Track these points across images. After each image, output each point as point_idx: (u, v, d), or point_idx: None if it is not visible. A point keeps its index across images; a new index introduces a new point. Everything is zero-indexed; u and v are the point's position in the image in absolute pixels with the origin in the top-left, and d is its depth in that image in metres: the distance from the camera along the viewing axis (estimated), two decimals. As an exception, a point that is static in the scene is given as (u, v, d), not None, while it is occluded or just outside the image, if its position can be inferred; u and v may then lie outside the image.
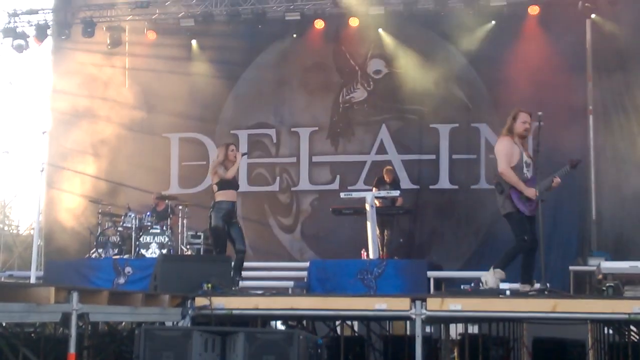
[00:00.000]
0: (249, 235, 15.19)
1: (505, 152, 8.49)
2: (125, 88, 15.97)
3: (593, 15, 13.81)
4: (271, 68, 15.66)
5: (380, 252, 12.77)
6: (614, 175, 13.71)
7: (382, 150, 14.92)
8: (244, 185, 15.28)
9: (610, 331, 9.11)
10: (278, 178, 15.46)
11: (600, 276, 8.65)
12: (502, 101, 13.65)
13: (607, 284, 8.42)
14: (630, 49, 13.73)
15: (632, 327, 8.55)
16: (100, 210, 13.82)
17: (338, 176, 15.07)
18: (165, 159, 15.78)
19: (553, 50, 13.98)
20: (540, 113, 8.35)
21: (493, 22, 14.27)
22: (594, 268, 9.92)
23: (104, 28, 15.68)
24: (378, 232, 12.76)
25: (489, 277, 8.31)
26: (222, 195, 10.25)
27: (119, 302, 7.02)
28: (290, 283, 12.02)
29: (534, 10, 13.92)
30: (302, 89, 15.52)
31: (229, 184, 10.30)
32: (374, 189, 13.07)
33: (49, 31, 15.88)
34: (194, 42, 15.77)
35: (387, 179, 13.40)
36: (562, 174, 8.44)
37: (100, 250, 13.15)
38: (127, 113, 15.82)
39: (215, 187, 10.29)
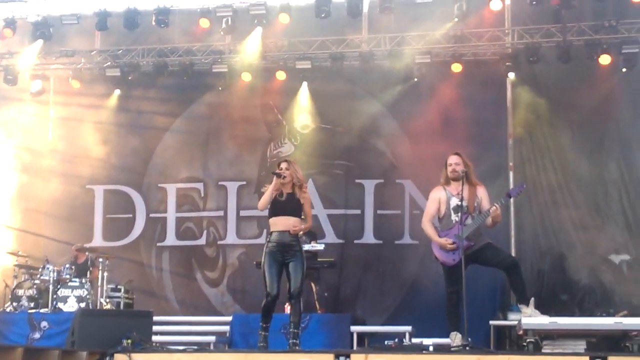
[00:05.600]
0: (177, 290, 15.09)
1: (428, 206, 8.81)
2: (49, 137, 15.73)
3: (512, 75, 14.20)
4: (200, 120, 15.60)
5: (317, 307, 12.76)
6: (532, 232, 14.02)
7: (308, 204, 14.92)
8: (172, 239, 15.20)
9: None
10: (205, 231, 15.32)
11: (521, 332, 8.74)
12: (426, 157, 13.81)
13: (528, 340, 8.50)
14: (550, 108, 14.17)
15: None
16: (16, 263, 13.44)
17: (265, 230, 14.99)
18: (89, 211, 15.47)
19: (475, 107, 14.29)
20: (464, 170, 8.50)
21: (415, 79, 14.53)
22: (515, 323, 10.04)
23: (28, 76, 15.44)
24: (313, 287, 12.78)
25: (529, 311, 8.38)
26: (270, 225, 8.87)
27: (34, 359, 6.78)
28: (212, 338, 11.82)
29: (457, 67, 14.23)
30: (231, 142, 15.48)
31: (273, 211, 8.81)
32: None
33: (-32, 78, 15.57)
34: (117, 92, 15.59)
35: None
36: (499, 205, 8.51)
37: (15, 304, 12.72)
38: (49, 163, 15.56)
39: None
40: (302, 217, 8.93)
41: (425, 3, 13.96)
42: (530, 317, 8.45)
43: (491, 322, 12.27)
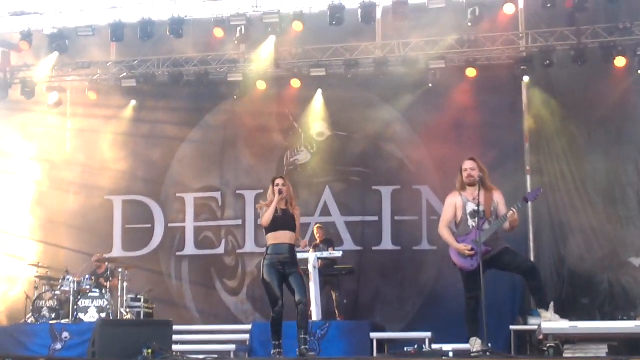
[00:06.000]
0: (196, 299, 15.14)
1: (444, 212, 8.79)
2: (67, 149, 15.85)
3: (526, 78, 14.18)
4: (216, 130, 15.67)
5: (337, 314, 12.87)
6: (551, 236, 13.98)
7: (326, 212, 14.96)
8: (191, 249, 15.26)
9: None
10: (224, 240, 15.37)
11: (541, 336, 8.71)
12: (442, 163, 13.85)
13: (548, 345, 8.47)
14: (565, 111, 14.13)
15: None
16: (37, 274, 13.54)
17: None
18: (109, 222, 15.55)
19: (490, 111, 14.30)
20: (480, 175, 8.50)
21: (430, 84, 14.52)
22: (535, 327, 10.01)
23: (44, 88, 15.55)
24: (333, 294, 12.92)
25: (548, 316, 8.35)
26: (269, 239, 9.18)
27: (55, 370, 6.84)
28: (233, 347, 11.85)
29: (471, 72, 14.21)
30: (247, 151, 15.54)
31: (272, 226, 9.13)
32: (310, 250, 13.06)
33: (-13, 91, 15.71)
34: (133, 103, 15.68)
35: (318, 238, 13.45)
36: (516, 209, 8.47)
37: (36, 315, 12.81)
38: (68, 174, 15.67)
39: None
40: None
41: (438, 9, 13.92)
42: (550, 322, 8.42)
43: (511, 327, 12.22)
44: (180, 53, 15.13)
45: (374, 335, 11.84)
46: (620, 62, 13.58)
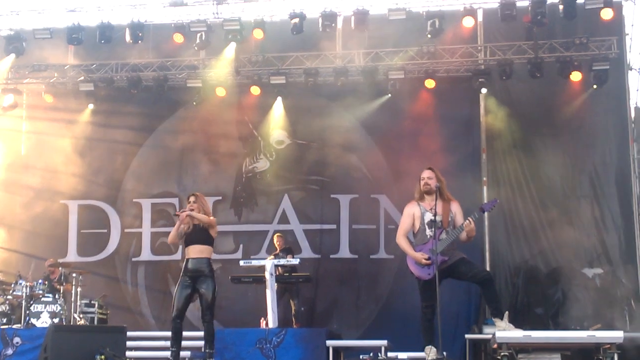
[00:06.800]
0: (152, 305, 14.99)
1: (402, 221, 8.83)
2: (22, 152, 15.64)
3: (484, 90, 14.35)
4: (174, 135, 15.58)
5: (294, 322, 12.88)
6: (506, 246, 14.14)
7: (284, 219, 14.97)
8: (147, 254, 15.13)
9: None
10: (180, 246, 15.25)
11: (495, 345, 8.78)
12: (400, 172, 13.94)
13: (502, 353, 8.55)
14: (523, 123, 14.32)
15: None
16: (-12, 278, 13.32)
17: (241, 245, 15.01)
18: (64, 226, 15.36)
19: (448, 122, 14.46)
20: (437, 184, 8.56)
21: (389, 94, 14.62)
22: (490, 336, 10.10)
23: (0, 90, 15.34)
24: (291, 302, 12.95)
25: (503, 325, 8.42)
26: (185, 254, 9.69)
27: (5, 375, 6.73)
28: (188, 353, 11.75)
29: (430, 83, 14.36)
30: (206, 157, 15.48)
31: (184, 241, 9.72)
32: (269, 257, 13.06)
33: (-59, 94, 15.45)
34: (91, 107, 15.52)
35: (277, 246, 13.47)
36: (473, 219, 8.52)
37: (-13, 320, 12.59)
38: (23, 178, 15.47)
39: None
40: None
41: (398, 20, 14.04)
42: (504, 331, 8.49)
43: (466, 335, 12.32)
44: (139, 58, 15.04)
45: (330, 342, 11.79)
46: (576, 76, 13.85)
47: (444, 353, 8.40)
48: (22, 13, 14.96)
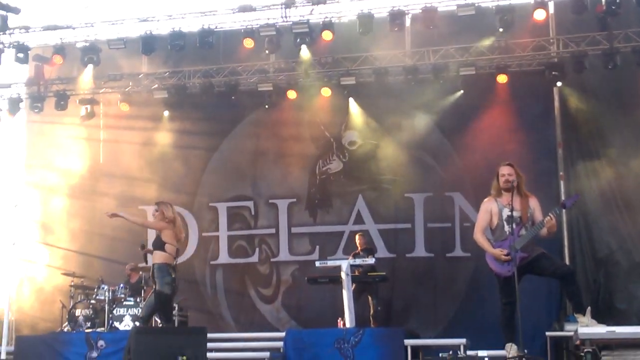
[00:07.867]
0: (231, 307, 15.20)
1: (479, 218, 8.78)
2: (100, 160, 16.01)
3: (559, 83, 14.10)
4: (247, 139, 15.75)
5: (372, 322, 12.88)
6: (586, 241, 13.85)
7: (359, 220, 14.98)
8: (225, 257, 15.35)
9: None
10: (257, 249, 15.43)
11: (578, 342, 8.63)
12: (473, 169, 13.82)
13: (585, 350, 8.39)
14: (599, 116, 14.02)
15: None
16: (72, 283, 13.67)
17: (317, 246, 15.10)
18: (142, 232, 15.62)
19: (522, 117, 14.24)
20: (513, 178, 8.47)
21: (462, 91, 14.49)
22: (571, 333, 9.92)
23: (77, 101, 15.73)
24: (370, 302, 12.95)
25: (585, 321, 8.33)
26: None
27: (93, 377, 6.89)
28: (267, 354, 11.86)
29: (502, 78, 14.18)
30: (279, 160, 15.59)
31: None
32: (350, 257, 13.09)
33: (21, 105, 15.91)
34: (166, 113, 15.81)
35: (359, 246, 13.48)
36: (554, 215, 8.42)
37: (72, 324, 12.96)
38: (101, 185, 15.81)
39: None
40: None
41: (468, 15, 13.87)
42: (587, 327, 8.35)
43: (547, 333, 12.09)
44: (210, 64, 15.23)
45: (409, 341, 11.76)
46: (653, 65, 13.47)
47: (525, 351, 8.29)
48: (96, 25, 15.27)
